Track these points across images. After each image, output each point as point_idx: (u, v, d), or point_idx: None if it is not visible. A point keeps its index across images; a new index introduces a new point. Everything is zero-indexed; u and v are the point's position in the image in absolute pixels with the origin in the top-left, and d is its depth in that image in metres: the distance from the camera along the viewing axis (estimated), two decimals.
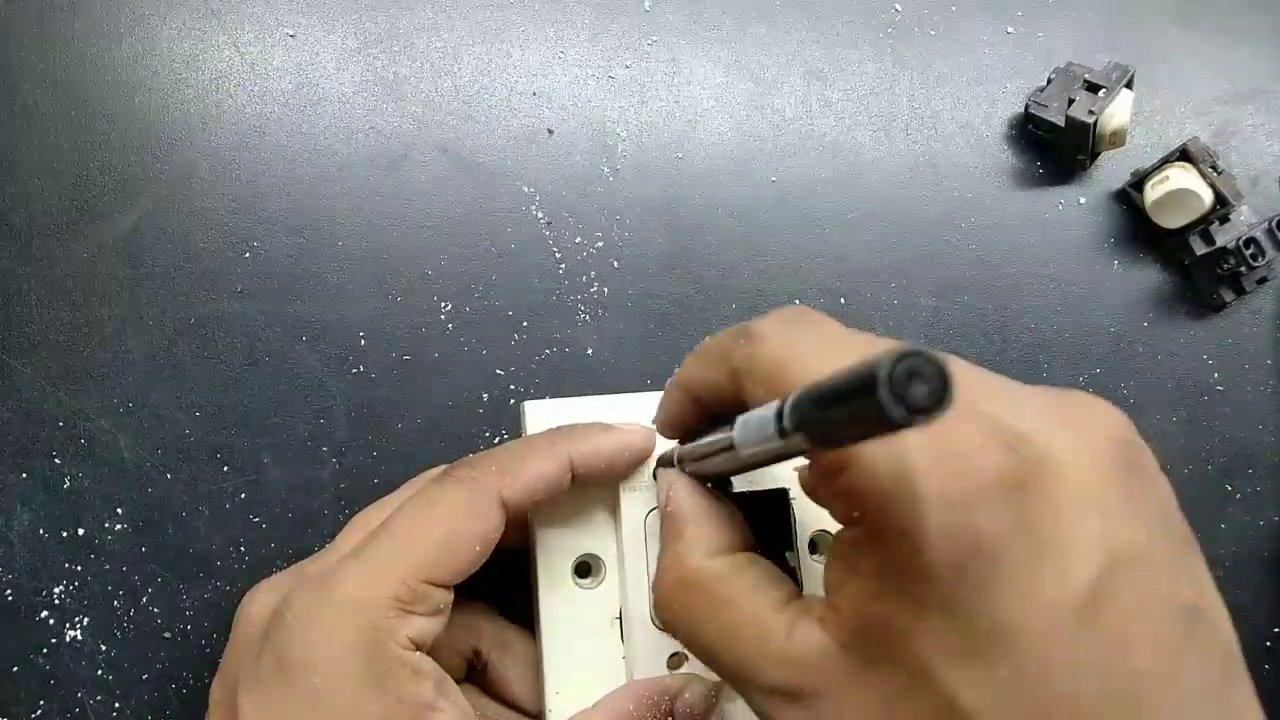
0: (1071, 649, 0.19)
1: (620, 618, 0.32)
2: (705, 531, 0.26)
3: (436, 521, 0.27)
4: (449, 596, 0.28)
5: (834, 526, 0.23)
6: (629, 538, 0.31)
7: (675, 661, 0.31)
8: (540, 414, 0.33)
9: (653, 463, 0.32)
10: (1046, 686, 0.19)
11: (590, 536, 0.32)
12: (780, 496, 0.31)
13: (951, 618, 0.19)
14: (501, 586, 0.32)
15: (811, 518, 0.32)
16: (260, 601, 0.29)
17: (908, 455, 0.20)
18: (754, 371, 0.23)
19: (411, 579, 0.26)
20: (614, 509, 0.32)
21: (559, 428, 0.31)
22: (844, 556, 0.22)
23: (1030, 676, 0.19)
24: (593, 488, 0.32)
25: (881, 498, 0.20)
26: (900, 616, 0.20)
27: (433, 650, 0.27)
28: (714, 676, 0.31)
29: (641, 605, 0.31)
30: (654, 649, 0.31)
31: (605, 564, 0.32)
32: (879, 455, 0.20)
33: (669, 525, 0.27)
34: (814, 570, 0.32)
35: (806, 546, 0.32)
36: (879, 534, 0.21)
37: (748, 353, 0.23)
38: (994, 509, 0.20)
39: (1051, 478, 0.20)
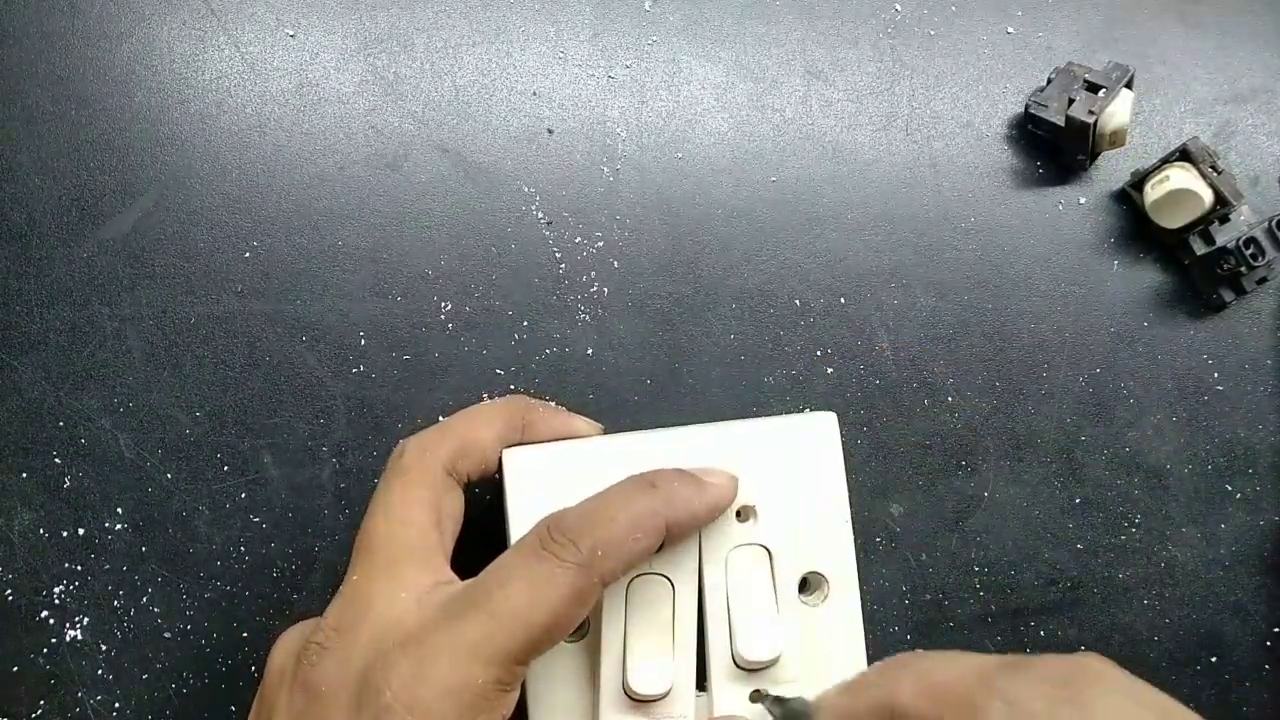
0: None
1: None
2: None
3: (545, 607, 0.27)
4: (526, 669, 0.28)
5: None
6: (609, 605, 0.30)
7: None
8: (519, 462, 0.31)
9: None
10: None
11: None
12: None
13: None
14: None
15: (800, 563, 0.32)
16: (340, 663, 0.28)
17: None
18: None
19: (512, 663, 0.27)
20: None
21: (655, 489, 0.29)
22: None
23: None
24: None
25: None
26: None
27: None
28: None
29: (614, 678, 0.30)
30: None
31: (589, 621, 0.31)
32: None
33: None
34: (805, 610, 0.32)
35: (797, 586, 0.31)
36: None
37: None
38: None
39: None
